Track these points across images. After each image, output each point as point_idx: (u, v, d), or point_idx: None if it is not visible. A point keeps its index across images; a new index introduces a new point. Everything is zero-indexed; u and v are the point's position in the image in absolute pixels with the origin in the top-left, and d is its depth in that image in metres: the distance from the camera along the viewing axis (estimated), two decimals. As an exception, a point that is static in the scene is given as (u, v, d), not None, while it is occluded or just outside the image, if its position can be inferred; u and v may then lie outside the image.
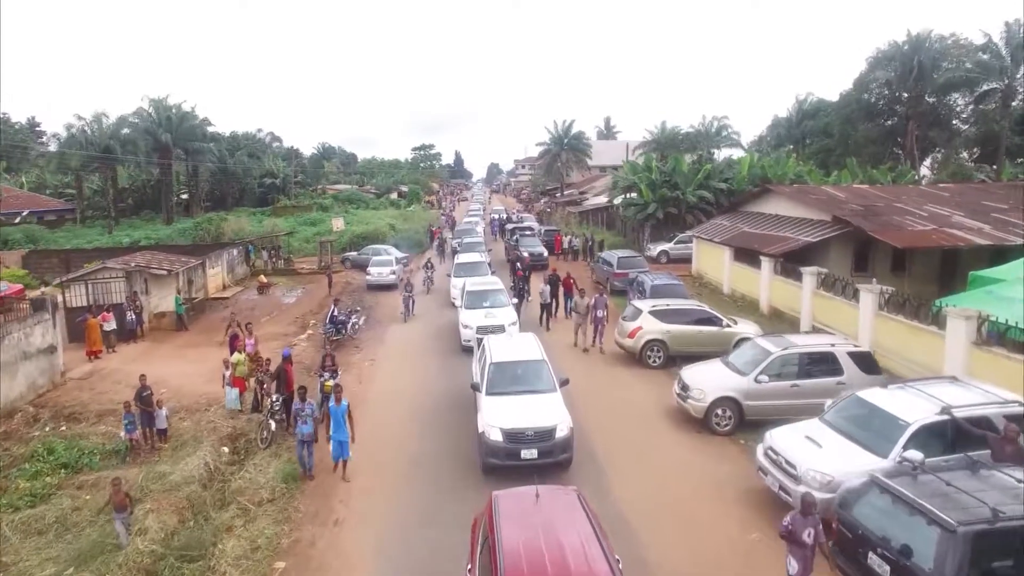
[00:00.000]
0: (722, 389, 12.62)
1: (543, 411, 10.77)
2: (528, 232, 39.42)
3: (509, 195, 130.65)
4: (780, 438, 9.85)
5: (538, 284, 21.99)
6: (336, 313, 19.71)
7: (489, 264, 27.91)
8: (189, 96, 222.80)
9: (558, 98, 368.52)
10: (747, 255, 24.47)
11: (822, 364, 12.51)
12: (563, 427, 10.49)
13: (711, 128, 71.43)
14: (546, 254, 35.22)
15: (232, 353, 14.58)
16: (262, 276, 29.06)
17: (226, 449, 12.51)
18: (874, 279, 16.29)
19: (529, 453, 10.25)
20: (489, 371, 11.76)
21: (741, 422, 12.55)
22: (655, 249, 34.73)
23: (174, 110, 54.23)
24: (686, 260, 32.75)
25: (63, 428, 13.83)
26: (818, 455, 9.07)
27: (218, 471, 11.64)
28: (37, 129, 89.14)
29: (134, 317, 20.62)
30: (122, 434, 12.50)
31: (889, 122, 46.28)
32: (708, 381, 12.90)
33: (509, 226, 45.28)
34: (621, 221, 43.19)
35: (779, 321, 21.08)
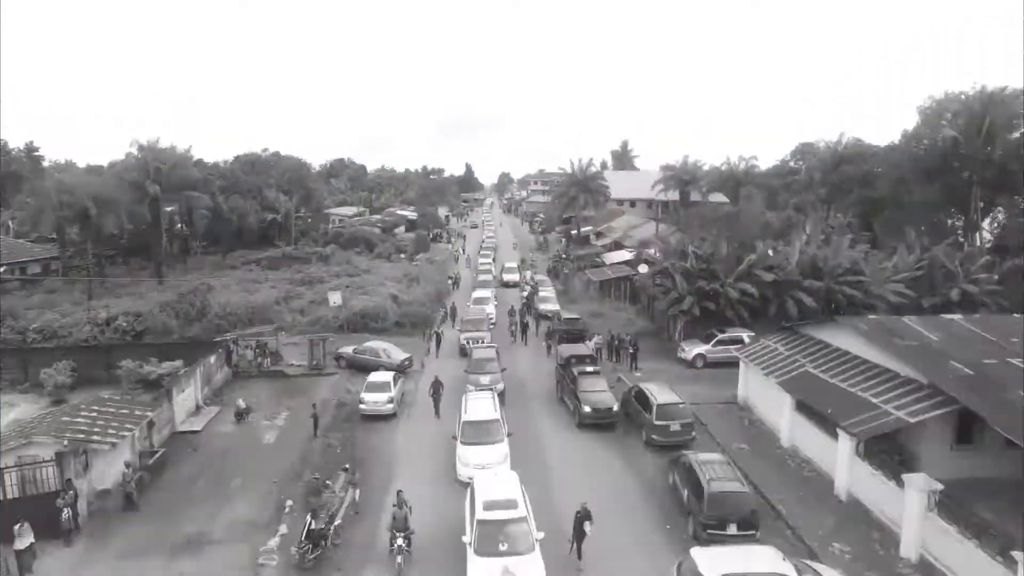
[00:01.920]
0: None
1: None
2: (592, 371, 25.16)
3: (522, 219, 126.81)
4: None
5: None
6: (313, 526, 15.68)
7: (498, 405, 21.79)
8: (187, 122, 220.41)
9: (574, 107, 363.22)
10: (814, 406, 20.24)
11: None
12: None
13: (738, 168, 67.35)
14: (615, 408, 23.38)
15: None
16: (240, 401, 25.15)
17: None
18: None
19: None
20: None
21: None
22: (690, 351, 30.49)
23: (165, 155, 50.54)
24: (726, 365, 28.56)
25: None
26: None
27: None
28: (35, 154, 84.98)
29: (68, 512, 16.66)
30: None
31: (948, 183, 41.52)
32: None
33: (564, 351, 27.36)
34: (647, 298, 38.80)
35: (865, 524, 16.80)
